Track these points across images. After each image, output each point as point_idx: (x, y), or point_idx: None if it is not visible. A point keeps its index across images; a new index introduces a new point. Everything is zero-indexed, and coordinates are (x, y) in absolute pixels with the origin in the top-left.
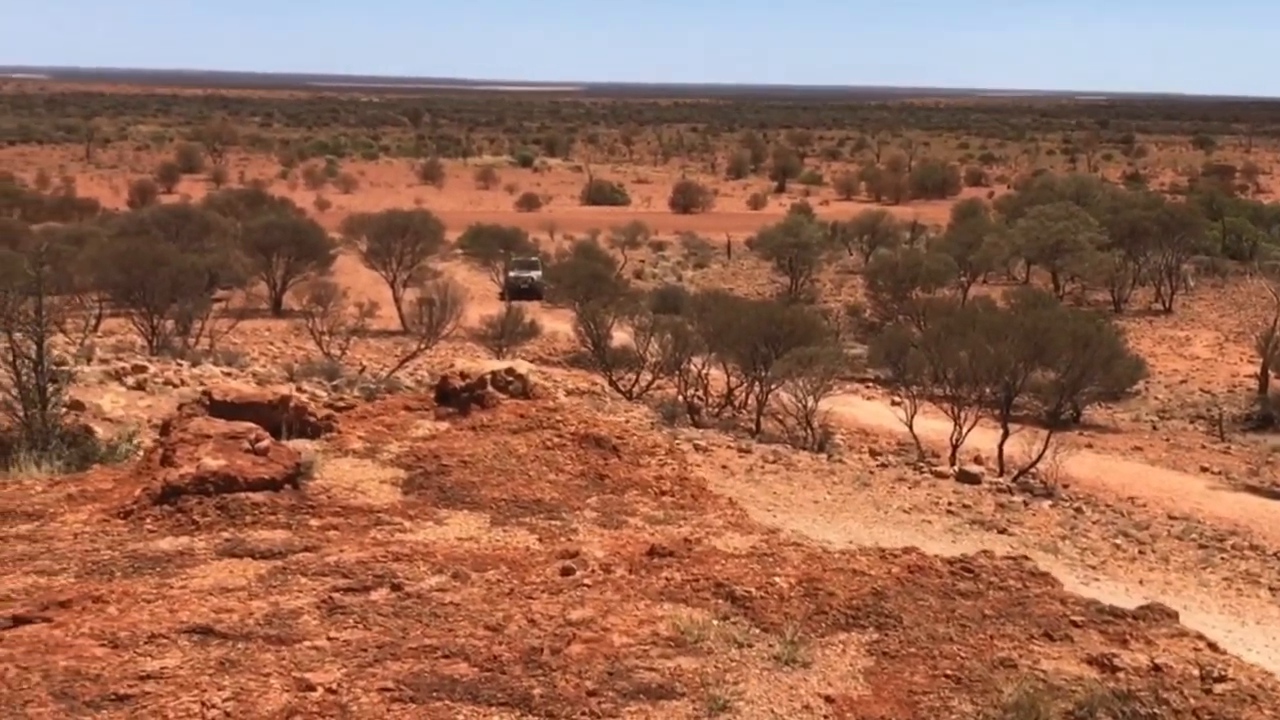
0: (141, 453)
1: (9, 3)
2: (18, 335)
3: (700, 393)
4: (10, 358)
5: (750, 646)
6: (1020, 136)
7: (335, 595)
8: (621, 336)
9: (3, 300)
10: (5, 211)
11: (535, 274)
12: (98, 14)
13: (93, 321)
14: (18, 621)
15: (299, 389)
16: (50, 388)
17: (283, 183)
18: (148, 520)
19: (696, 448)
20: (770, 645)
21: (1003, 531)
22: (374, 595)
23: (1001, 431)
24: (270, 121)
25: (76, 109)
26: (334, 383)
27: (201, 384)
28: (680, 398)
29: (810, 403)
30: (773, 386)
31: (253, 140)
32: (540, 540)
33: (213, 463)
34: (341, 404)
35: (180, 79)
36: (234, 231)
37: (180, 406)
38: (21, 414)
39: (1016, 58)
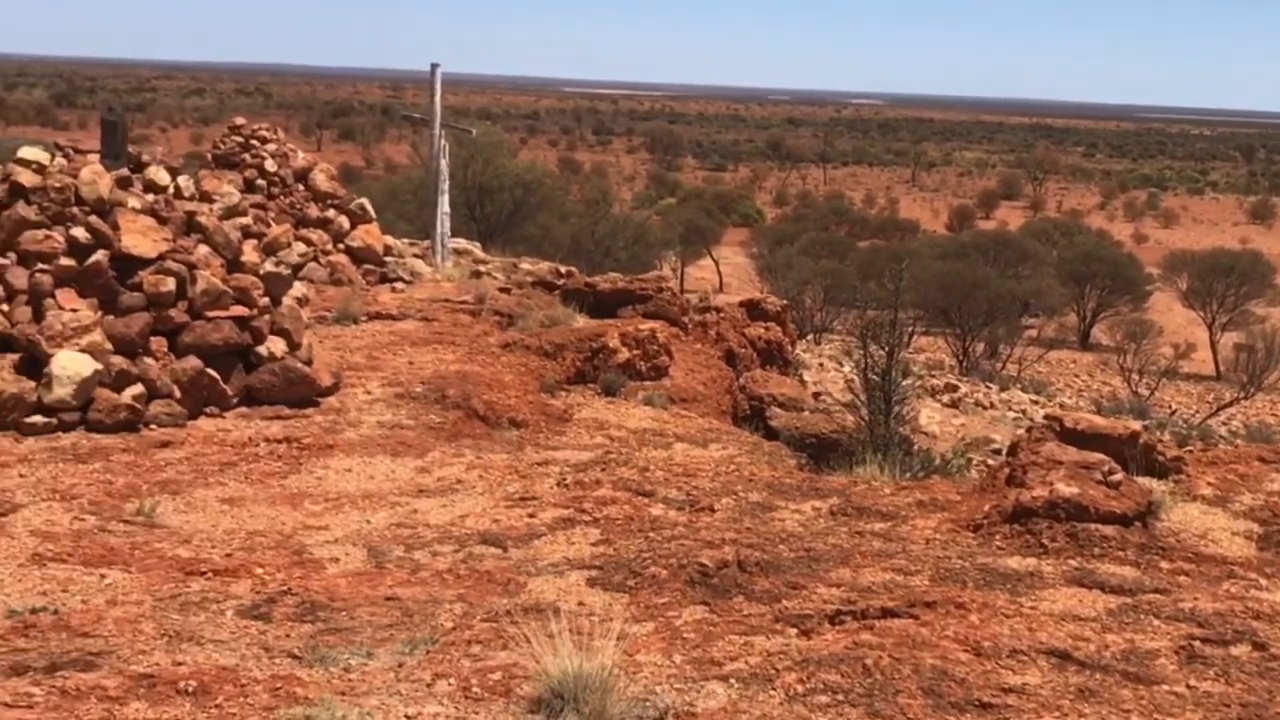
0: (975, 469)
1: (854, 38)
2: (871, 346)
3: None
4: (863, 365)
5: None
6: None
7: (1193, 643)
8: None
9: (861, 313)
10: (834, 228)
11: None
12: (931, 45)
13: (907, 338)
14: (886, 614)
15: None
16: (895, 397)
17: (1100, 214)
18: (997, 537)
19: None
20: None
21: None
22: (1234, 650)
23: None
24: (1093, 152)
25: (907, 134)
26: (1142, 423)
27: (1010, 409)
28: None
29: None
30: None
31: (1074, 170)
32: None
33: (1065, 489)
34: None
35: (1007, 107)
36: (1049, 260)
37: (1029, 430)
38: (866, 418)
39: None
